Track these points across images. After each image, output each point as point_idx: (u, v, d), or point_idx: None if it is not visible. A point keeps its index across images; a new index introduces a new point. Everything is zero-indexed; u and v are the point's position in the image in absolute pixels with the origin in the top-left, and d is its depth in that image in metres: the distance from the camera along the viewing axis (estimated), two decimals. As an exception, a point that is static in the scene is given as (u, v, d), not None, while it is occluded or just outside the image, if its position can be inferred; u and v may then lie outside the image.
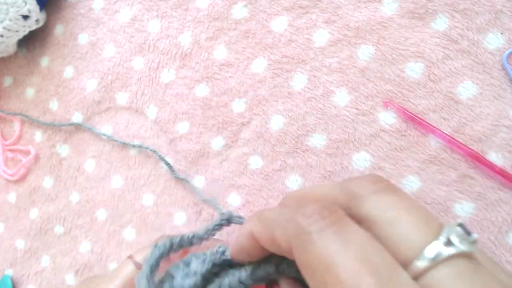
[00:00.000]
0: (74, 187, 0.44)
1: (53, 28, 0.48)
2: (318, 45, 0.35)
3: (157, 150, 0.41)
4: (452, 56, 0.32)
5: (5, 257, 0.47)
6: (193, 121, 0.39)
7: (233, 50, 0.39)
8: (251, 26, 0.38)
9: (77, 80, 0.46)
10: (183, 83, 0.40)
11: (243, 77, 0.38)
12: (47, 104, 0.47)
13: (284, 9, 0.37)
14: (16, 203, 0.48)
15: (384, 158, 0.33)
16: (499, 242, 0.29)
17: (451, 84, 0.31)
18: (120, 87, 0.43)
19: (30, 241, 0.46)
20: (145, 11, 0.43)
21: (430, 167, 0.31)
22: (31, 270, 0.45)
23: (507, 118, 0.30)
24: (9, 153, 0.48)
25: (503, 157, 0.30)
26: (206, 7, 0.40)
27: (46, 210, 0.45)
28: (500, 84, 0.30)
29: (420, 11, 0.33)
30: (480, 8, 0.31)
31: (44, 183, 0.46)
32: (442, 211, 0.31)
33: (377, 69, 0.33)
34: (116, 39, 0.44)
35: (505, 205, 0.30)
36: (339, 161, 0.34)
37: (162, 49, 0.42)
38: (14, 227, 0.47)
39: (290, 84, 0.36)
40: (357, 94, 0.34)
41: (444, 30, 0.32)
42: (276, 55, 0.37)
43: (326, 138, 0.34)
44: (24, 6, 0.43)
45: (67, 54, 0.47)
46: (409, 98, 0.32)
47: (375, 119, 0.33)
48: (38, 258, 0.45)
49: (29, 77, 0.49)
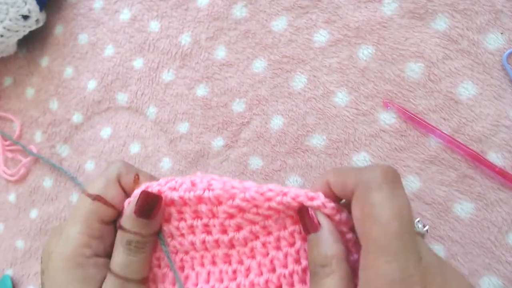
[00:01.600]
0: (74, 187, 0.44)
1: (53, 28, 0.48)
2: (318, 45, 0.35)
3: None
4: (452, 56, 0.32)
5: (5, 257, 0.47)
6: (193, 121, 0.39)
7: (233, 50, 0.39)
8: (251, 26, 0.38)
9: (77, 80, 0.46)
10: (183, 83, 0.40)
11: (243, 77, 0.38)
12: (47, 104, 0.47)
13: (284, 9, 0.37)
14: (16, 203, 0.48)
15: (384, 158, 0.33)
16: (499, 242, 0.29)
17: (451, 84, 0.31)
18: (120, 87, 0.43)
19: (30, 241, 0.46)
20: (145, 11, 0.43)
21: (430, 167, 0.31)
22: (31, 270, 0.45)
23: (507, 118, 0.30)
24: (9, 153, 0.48)
25: (503, 157, 0.30)
26: (206, 7, 0.40)
27: (46, 210, 0.45)
28: (500, 84, 0.30)
29: (420, 11, 0.33)
30: (480, 8, 0.31)
31: (44, 183, 0.46)
32: (442, 211, 0.31)
33: (377, 69, 0.33)
34: (116, 39, 0.44)
35: (505, 205, 0.30)
36: (339, 161, 0.34)
37: (162, 49, 0.42)
38: (14, 227, 0.47)
39: (290, 84, 0.36)
40: (357, 94, 0.34)
41: (444, 30, 0.32)
42: (276, 55, 0.37)
43: (326, 138, 0.34)
44: (24, 6, 0.43)
45: (67, 54, 0.47)
46: (409, 98, 0.32)
47: (375, 119, 0.33)
48: (38, 258, 0.45)
49: (29, 77, 0.49)
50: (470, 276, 0.30)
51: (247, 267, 0.26)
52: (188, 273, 0.28)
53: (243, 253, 0.27)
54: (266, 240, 0.26)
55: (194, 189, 0.26)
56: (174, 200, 0.27)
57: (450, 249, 0.30)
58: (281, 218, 0.26)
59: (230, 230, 0.26)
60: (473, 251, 0.30)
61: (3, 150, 0.49)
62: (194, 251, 0.28)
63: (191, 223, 0.27)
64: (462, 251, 0.30)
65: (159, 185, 0.27)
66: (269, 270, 0.26)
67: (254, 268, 0.26)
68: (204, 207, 0.26)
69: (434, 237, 0.31)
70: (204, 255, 0.28)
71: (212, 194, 0.26)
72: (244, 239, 0.26)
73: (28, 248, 0.46)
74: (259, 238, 0.26)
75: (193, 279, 0.28)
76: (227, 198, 0.26)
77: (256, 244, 0.26)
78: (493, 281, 0.29)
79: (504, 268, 0.29)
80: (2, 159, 0.49)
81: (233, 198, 0.25)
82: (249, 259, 0.26)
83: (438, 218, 0.31)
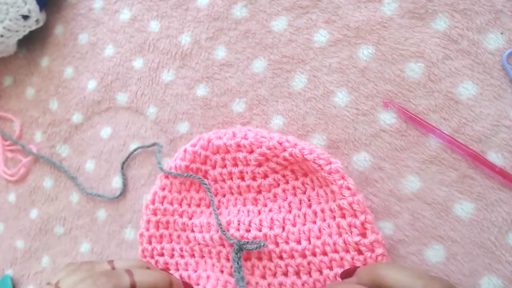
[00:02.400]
0: (74, 187, 0.44)
1: (53, 28, 0.48)
2: (318, 45, 0.35)
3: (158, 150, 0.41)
4: (452, 56, 0.32)
5: (5, 257, 0.47)
6: (193, 121, 0.39)
7: (233, 50, 0.39)
8: (251, 26, 0.38)
9: (77, 80, 0.46)
10: (183, 83, 0.40)
11: (243, 77, 0.38)
12: (47, 104, 0.47)
13: (284, 9, 0.37)
14: (16, 203, 0.48)
15: (384, 158, 0.33)
16: (499, 242, 0.29)
17: (451, 84, 0.31)
18: (120, 87, 0.43)
19: (30, 241, 0.46)
20: (145, 11, 0.43)
21: (430, 167, 0.31)
22: (31, 270, 0.45)
23: (507, 118, 0.30)
24: (9, 153, 0.48)
25: (503, 157, 0.30)
26: (206, 7, 0.40)
27: (46, 210, 0.45)
28: (500, 84, 0.30)
29: (420, 11, 0.33)
30: (480, 8, 0.31)
31: (44, 183, 0.46)
32: (442, 211, 0.31)
33: (377, 69, 0.33)
34: (116, 39, 0.44)
35: (505, 205, 0.30)
36: (339, 161, 0.34)
37: (162, 49, 0.42)
38: (14, 227, 0.47)
39: (290, 84, 0.36)
40: (357, 94, 0.34)
41: (444, 30, 0.32)
42: (276, 55, 0.37)
43: (326, 138, 0.34)
44: (24, 6, 0.43)
45: (67, 54, 0.47)
46: (409, 98, 0.32)
47: (375, 119, 0.33)
48: (38, 258, 0.45)
49: (29, 77, 0.49)
50: (470, 276, 0.30)
51: (270, 208, 0.34)
52: (221, 211, 0.35)
53: (268, 198, 0.34)
54: (285, 188, 0.33)
55: (234, 138, 0.34)
56: (220, 147, 0.34)
57: (450, 249, 0.30)
58: (295, 168, 0.33)
59: (258, 177, 0.34)
60: (473, 251, 0.30)
61: (3, 150, 0.49)
62: (230, 194, 0.35)
63: (230, 170, 0.34)
64: (462, 251, 0.30)
65: (208, 135, 0.35)
66: (287, 211, 0.33)
67: (275, 209, 0.33)
68: (241, 154, 0.34)
69: (434, 237, 0.31)
70: (237, 198, 0.35)
71: (246, 142, 0.33)
72: (269, 185, 0.34)
73: (28, 248, 0.46)
74: (279, 185, 0.34)
75: (226, 215, 0.34)
76: (257, 146, 0.33)
77: (277, 190, 0.34)
78: (493, 281, 0.29)
79: (504, 268, 0.29)
80: (2, 159, 0.49)
81: (260, 146, 0.33)
82: (272, 202, 0.34)
83: (438, 218, 0.31)
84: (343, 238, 0.30)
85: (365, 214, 0.30)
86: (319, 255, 0.31)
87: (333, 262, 0.30)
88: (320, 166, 0.31)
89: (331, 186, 0.31)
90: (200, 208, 0.36)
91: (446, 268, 0.30)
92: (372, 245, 0.29)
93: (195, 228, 0.35)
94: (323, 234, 0.31)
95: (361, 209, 0.30)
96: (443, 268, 0.30)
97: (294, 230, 0.32)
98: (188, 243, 0.36)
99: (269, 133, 0.34)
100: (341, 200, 0.30)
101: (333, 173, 0.31)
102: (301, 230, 0.32)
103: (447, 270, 0.30)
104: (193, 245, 0.36)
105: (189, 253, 0.36)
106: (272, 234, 0.32)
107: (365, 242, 0.30)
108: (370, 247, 0.29)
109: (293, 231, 0.32)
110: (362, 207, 0.30)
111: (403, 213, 0.32)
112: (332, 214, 0.31)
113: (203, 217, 0.36)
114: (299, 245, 0.31)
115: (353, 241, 0.30)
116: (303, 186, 0.33)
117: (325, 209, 0.31)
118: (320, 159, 0.31)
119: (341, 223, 0.30)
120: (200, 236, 0.35)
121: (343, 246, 0.30)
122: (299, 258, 0.31)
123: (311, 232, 0.31)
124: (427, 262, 0.31)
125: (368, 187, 0.33)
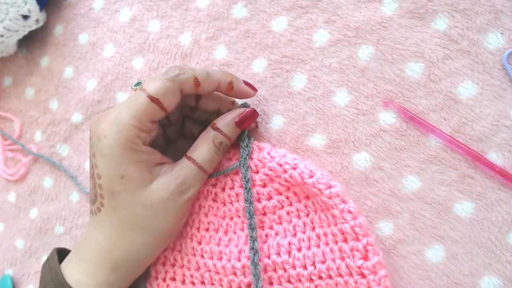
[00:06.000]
0: (74, 187, 0.44)
1: (53, 28, 0.48)
2: (318, 45, 0.35)
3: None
4: (452, 56, 0.32)
5: (5, 257, 0.47)
6: (193, 121, 0.39)
7: (233, 50, 0.39)
8: (251, 26, 0.38)
9: (77, 80, 0.46)
10: (183, 83, 0.40)
11: (243, 77, 0.38)
12: (47, 104, 0.47)
13: (284, 9, 0.37)
14: (16, 203, 0.48)
15: (384, 158, 0.33)
16: (499, 242, 0.29)
17: (451, 84, 0.31)
18: (120, 87, 0.43)
19: (30, 241, 0.46)
20: (145, 11, 0.43)
21: (430, 167, 0.31)
22: (31, 270, 0.45)
23: (507, 118, 0.30)
24: (9, 152, 0.48)
25: (503, 157, 0.30)
26: (206, 7, 0.40)
27: (46, 210, 0.45)
28: (500, 84, 0.30)
29: (420, 11, 0.33)
30: (480, 8, 0.31)
31: (44, 182, 0.46)
32: (442, 211, 0.31)
33: (377, 69, 0.33)
34: (116, 39, 0.44)
35: (505, 205, 0.30)
36: (339, 161, 0.34)
37: (162, 49, 0.42)
38: (14, 227, 0.47)
39: (290, 84, 0.36)
40: (357, 94, 0.34)
41: (444, 30, 0.32)
42: (276, 55, 0.37)
43: (326, 138, 0.34)
44: (24, 6, 0.43)
45: (67, 54, 0.47)
46: (409, 98, 0.32)
47: (375, 119, 0.33)
48: (38, 258, 0.45)
49: (29, 77, 0.49)
50: (470, 276, 0.30)
51: (276, 231, 0.33)
52: (230, 236, 0.34)
53: (273, 220, 0.33)
54: (289, 210, 0.33)
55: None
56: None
57: (450, 249, 0.30)
58: (297, 190, 0.32)
59: (262, 198, 0.33)
60: (473, 251, 0.30)
61: (3, 150, 0.49)
62: (237, 217, 0.34)
63: (237, 191, 0.34)
64: (462, 251, 0.30)
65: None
66: (292, 235, 0.33)
67: (281, 233, 0.33)
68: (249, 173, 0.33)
69: (434, 237, 0.31)
70: (244, 221, 0.34)
71: (252, 163, 0.33)
72: (273, 207, 0.33)
73: (28, 247, 0.46)
74: (283, 207, 0.33)
75: (235, 242, 0.34)
76: (261, 166, 0.33)
77: (281, 213, 0.33)
78: (493, 281, 0.29)
79: (504, 268, 0.29)
80: (2, 159, 0.49)
81: (263, 166, 0.33)
82: (277, 224, 0.33)
83: (438, 218, 0.31)
84: (346, 262, 0.30)
85: (367, 237, 0.30)
86: (325, 278, 0.31)
87: (339, 286, 0.30)
88: (320, 190, 0.31)
89: (332, 210, 0.31)
90: (208, 233, 0.35)
91: (446, 268, 0.30)
92: (375, 267, 0.29)
93: (205, 255, 0.35)
94: (327, 260, 0.31)
95: (363, 232, 0.30)
96: (443, 268, 0.30)
97: (299, 255, 0.32)
98: (198, 270, 0.35)
99: (272, 148, 0.33)
100: (342, 224, 0.30)
101: (333, 197, 0.30)
102: (305, 256, 0.32)
103: (447, 270, 0.30)
104: (203, 272, 0.35)
105: (199, 280, 0.35)
106: (280, 261, 0.32)
107: (368, 265, 0.29)
108: (372, 269, 0.29)
109: (298, 257, 0.32)
110: (363, 230, 0.30)
111: (403, 213, 0.32)
112: (334, 238, 0.31)
113: (213, 243, 0.35)
114: (305, 270, 0.31)
115: (356, 265, 0.30)
116: (305, 209, 0.33)
117: (328, 233, 0.31)
118: (320, 184, 0.31)
119: (343, 248, 0.30)
120: (211, 263, 0.34)
121: (346, 271, 0.30)
122: (307, 282, 0.31)
123: (315, 257, 0.31)
124: (427, 262, 0.31)
125: (368, 187, 0.33)
